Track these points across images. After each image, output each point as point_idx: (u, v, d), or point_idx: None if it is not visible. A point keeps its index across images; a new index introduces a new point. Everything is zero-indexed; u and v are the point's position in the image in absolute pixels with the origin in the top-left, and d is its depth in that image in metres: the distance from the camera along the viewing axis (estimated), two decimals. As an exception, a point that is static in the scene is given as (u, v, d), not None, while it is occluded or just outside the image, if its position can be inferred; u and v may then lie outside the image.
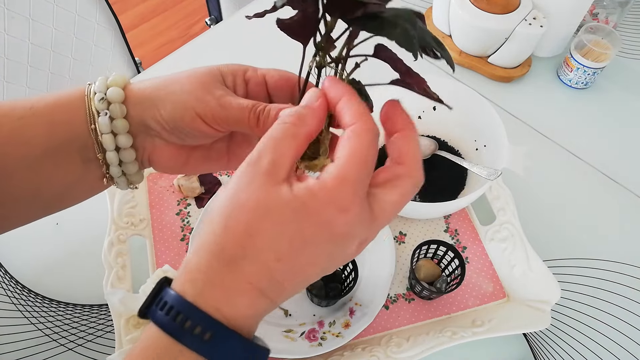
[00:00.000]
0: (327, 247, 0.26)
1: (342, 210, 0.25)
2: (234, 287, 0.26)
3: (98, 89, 0.34)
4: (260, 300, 0.26)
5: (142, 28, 1.98)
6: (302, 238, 0.26)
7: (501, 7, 0.77)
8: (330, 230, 0.26)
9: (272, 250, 0.26)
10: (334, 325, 0.54)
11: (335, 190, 0.25)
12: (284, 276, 0.26)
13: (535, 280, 0.56)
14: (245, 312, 0.26)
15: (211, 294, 0.26)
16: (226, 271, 0.26)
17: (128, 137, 0.34)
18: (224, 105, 0.32)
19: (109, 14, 0.90)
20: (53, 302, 0.58)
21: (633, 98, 0.82)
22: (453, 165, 0.64)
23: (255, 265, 0.26)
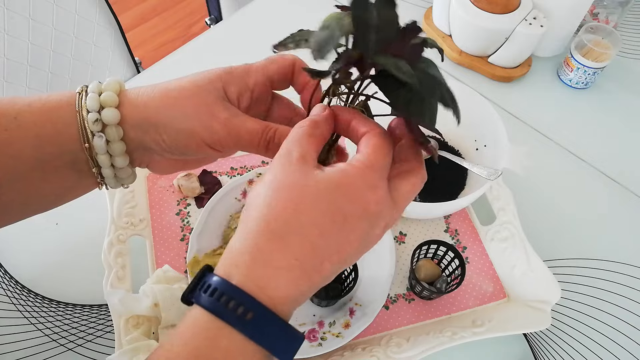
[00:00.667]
0: (363, 224, 0.28)
1: (372, 188, 0.28)
2: (280, 264, 0.26)
3: (91, 106, 0.32)
4: (302, 280, 0.27)
5: (142, 28, 1.98)
6: (342, 213, 0.27)
7: (501, 7, 0.77)
8: (364, 207, 0.28)
9: (315, 225, 0.27)
10: (334, 326, 0.54)
11: (365, 171, 0.28)
12: (325, 253, 0.27)
13: (535, 280, 0.56)
14: (287, 292, 0.26)
15: (256, 274, 0.26)
16: (273, 247, 0.26)
17: (125, 157, 0.33)
18: (234, 132, 0.32)
19: (108, 14, 0.90)
20: (53, 302, 0.58)
21: (633, 98, 0.82)
22: (453, 165, 0.64)
23: (300, 239, 0.27)
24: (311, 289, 0.28)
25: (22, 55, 0.81)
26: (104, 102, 0.32)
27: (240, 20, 0.92)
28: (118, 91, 0.33)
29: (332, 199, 0.27)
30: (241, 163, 0.68)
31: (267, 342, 0.26)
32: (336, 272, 0.29)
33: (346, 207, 0.27)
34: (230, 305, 0.25)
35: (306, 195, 0.27)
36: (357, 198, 0.27)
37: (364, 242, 0.29)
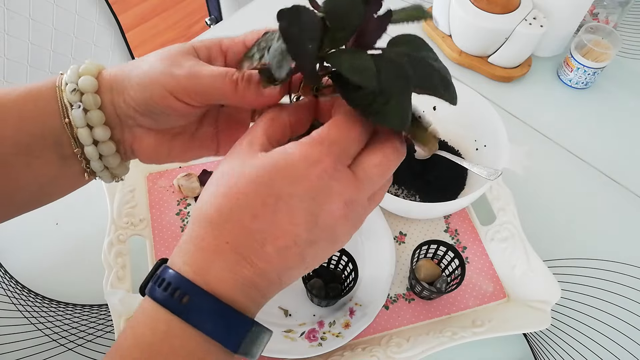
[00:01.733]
0: (304, 203, 0.26)
1: (313, 163, 0.26)
2: (213, 249, 0.26)
3: (69, 79, 0.31)
4: (240, 265, 0.26)
5: (142, 28, 1.98)
6: (276, 194, 0.26)
7: (501, 7, 0.77)
8: (303, 185, 0.26)
9: (247, 208, 0.26)
10: (334, 326, 0.54)
11: (307, 147, 0.27)
12: (264, 236, 0.26)
13: (535, 280, 0.56)
14: (224, 275, 0.26)
15: (194, 259, 0.26)
16: (207, 233, 0.26)
17: (105, 129, 0.32)
18: (194, 74, 0.30)
19: (108, 14, 0.90)
20: (53, 302, 0.58)
21: (633, 98, 0.82)
22: (453, 165, 0.64)
23: (231, 223, 0.26)
24: (262, 276, 0.26)
25: (22, 55, 0.81)
26: (81, 73, 0.31)
27: (240, 20, 0.92)
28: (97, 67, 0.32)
29: (266, 180, 0.26)
30: (241, 163, 0.68)
31: (203, 325, 0.25)
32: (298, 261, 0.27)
33: (281, 186, 0.26)
34: (168, 290, 0.25)
35: (240, 180, 0.27)
36: (296, 176, 0.26)
37: (313, 221, 0.26)
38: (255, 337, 0.27)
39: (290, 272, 0.28)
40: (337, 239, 0.28)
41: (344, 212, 0.27)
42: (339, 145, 0.27)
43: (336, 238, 0.28)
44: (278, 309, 0.56)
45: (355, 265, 0.55)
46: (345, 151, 0.27)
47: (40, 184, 0.33)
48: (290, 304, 0.57)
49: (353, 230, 0.29)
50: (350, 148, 0.27)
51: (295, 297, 0.57)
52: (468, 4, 0.78)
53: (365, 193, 0.28)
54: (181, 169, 0.67)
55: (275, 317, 0.56)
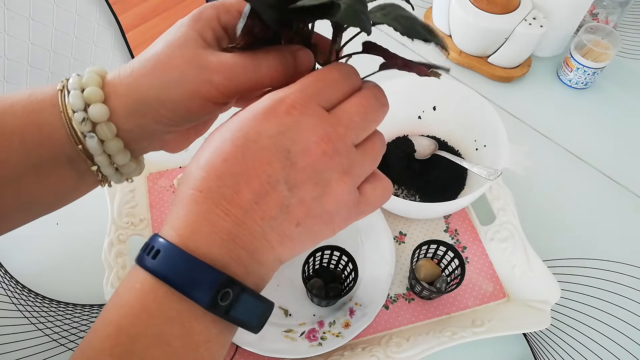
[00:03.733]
0: (274, 139, 0.25)
1: (280, 100, 0.25)
2: (187, 200, 0.25)
3: (75, 105, 0.29)
4: (214, 213, 0.24)
5: (142, 28, 1.98)
6: (244, 134, 0.25)
7: (501, 7, 0.77)
8: (270, 121, 0.25)
9: (216, 152, 0.25)
10: (334, 325, 0.54)
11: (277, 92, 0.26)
12: (237, 180, 0.24)
13: (535, 280, 0.56)
14: (199, 228, 0.24)
15: (172, 216, 0.26)
16: (182, 186, 0.26)
17: (125, 153, 0.31)
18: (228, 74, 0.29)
19: (109, 14, 0.90)
20: (53, 302, 0.58)
21: (633, 98, 0.82)
22: (453, 165, 0.64)
23: (204, 171, 0.25)
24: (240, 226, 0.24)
25: (22, 55, 0.81)
26: (88, 99, 0.29)
27: (240, 21, 0.92)
28: (100, 83, 0.30)
29: (235, 124, 0.25)
30: (241, 163, 0.68)
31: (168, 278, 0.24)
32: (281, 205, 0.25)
33: (249, 125, 0.25)
34: (146, 250, 0.25)
35: (213, 136, 0.26)
36: (263, 114, 0.25)
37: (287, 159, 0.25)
38: (242, 300, 0.24)
39: (275, 225, 0.25)
40: (328, 187, 0.26)
41: (321, 149, 0.25)
42: (311, 86, 0.26)
43: (325, 185, 0.26)
44: (278, 309, 0.56)
45: (355, 265, 0.55)
46: (320, 93, 0.26)
47: (56, 197, 0.32)
48: (290, 303, 0.57)
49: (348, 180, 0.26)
50: (325, 92, 0.26)
51: (295, 297, 0.57)
52: (468, 4, 0.78)
53: (344, 131, 0.26)
54: (181, 169, 0.67)
55: (275, 317, 0.56)
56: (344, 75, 0.27)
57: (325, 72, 0.27)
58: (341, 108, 0.26)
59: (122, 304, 0.24)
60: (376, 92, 0.28)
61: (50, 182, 0.31)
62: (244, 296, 0.25)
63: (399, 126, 0.69)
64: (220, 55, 0.29)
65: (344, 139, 0.26)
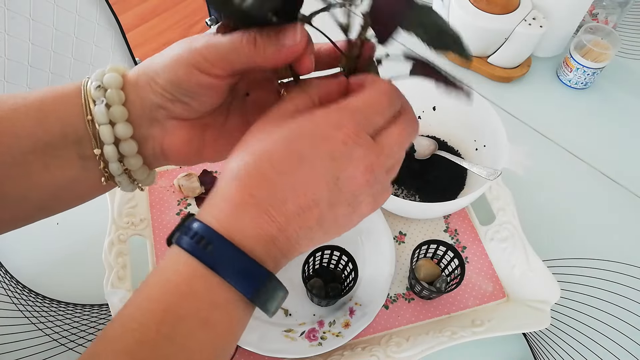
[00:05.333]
0: (326, 163, 0.27)
1: (337, 127, 0.27)
2: (238, 201, 0.27)
3: (95, 78, 0.32)
4: (262, 218, 0.27)
5: (143, 28, 1.98)
6: (299, 152, 0.27)
7: (501, 7, 0.77)
8: (326, 146, 0.27)
9: (272, 164, 0.27)
10: (334, 325, 0.54)
11: (333, 112, 0.28)
12: (286, 192, 0.27)
13: (535, 280, 0.56)
14: (247, 228, 0.27)
15: (219, 211, 0.28)
16: (233, 187, 0.28)
17: (127, 125, 0.32)
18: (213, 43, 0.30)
19: (109, 14, 0.90)
20: (53, 302, 0.58)
21: (633, 98, 0.82)
22: (453, 165, 0.64)
23: (256, 178, 0.27)
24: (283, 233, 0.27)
25: (22, 55, 0.81)
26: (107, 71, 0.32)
27: (241, 21, 0.92)
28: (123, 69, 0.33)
29: (292, 140, 0.28)
30: (241, 163, 0.68)
31: (223, 270, 0.26)
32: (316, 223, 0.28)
33: (306, 146, 0.27)
34: (194, 238, 0.27)
35: (268, 139, 0.28)
36: (320, 137, 0.27)
37: (337, 185, 0.28)
38: (272, 291, 0.28)
39: (309, 234, 0.28)
40: (358, 207, 0.29)
41: (366, 178, 0.28)
42: (362, 114, 0.28)
43: (357, 206, 0.29)
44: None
45: (355, 265, 0.55)
46: (368, 120, 0.28)
47: (57, 187, 0.33)
48: (290, 303, 0.57)
49: (373, 203, 0.30)
50: (374, 119, 0.29)
51: (295, 296, 0.57)
52: (468, 4, 0.78)
53: (385, 162, 0.29)
54: (181, 169, 0.67)
55: (275, 317, 0.56)
56: (391, 102, 0.29)
57: (376, 98, 0.29)
58: (385, 137, 0.29)
59: (167, 285, 0.26)
60: (413, 121, 0.31)
61: (54, 166, 0.32)
62: (277, 288, 0.28)
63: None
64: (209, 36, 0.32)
65: (383, 167, 0.29)
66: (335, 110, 0.28)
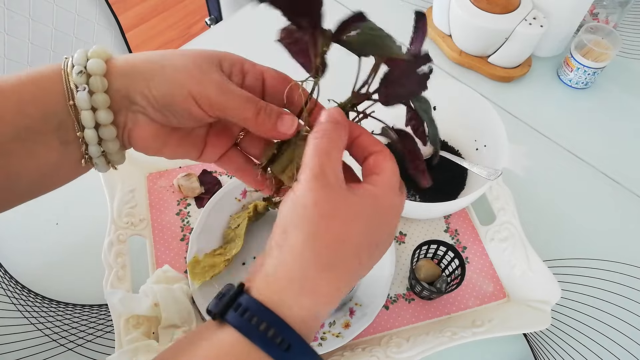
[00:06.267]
0: (388, 243, 0.32)
1: (396, 209, 0.32)
2: (327, 295, 0.28)
3: (77, 62, 0.31)
4: (333, 305, 0.29)
5: (142, 28, 1.98)
6: (376, 241, 0.30)
7: (501, 7, 0.77)
8: (391, 229, 0.32)
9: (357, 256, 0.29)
10: (334, 326, 0.54)
11: (389, 195, 0.31)
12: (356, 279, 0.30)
13: (535, 280, 0.56)
14: (323, 319, 0.28)
15: (302, 304, 0.27)
16: (322, 279, 0.27)
17: (108, 112, 0.32)
18: (225, 91, 0.31)
19: (108, 14, 0.90)
20: (53, 302, 0.58)
21: (633, 98, 0.82)
22: (453, 165, 0.64)
23: (343, 270, 0.29)
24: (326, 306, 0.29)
25: (22, 55, 0.81)
26: (90, 56, 0.31)
27: (240, 20, 0.92)
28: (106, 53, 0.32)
29: (370, 229, 0.30)
30: (241, 163, 0.68)
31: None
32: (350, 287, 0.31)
33: (380, 234, 0.30)
34: (269, 333, 0.26)
35: (350, 226, 0.29)
36: (387, 224, 0.31)
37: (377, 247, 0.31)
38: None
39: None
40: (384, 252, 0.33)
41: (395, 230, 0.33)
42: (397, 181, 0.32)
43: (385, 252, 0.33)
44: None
45: (355, 265, 0.55)
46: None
47: (41, 173, 0.33)
48: (290, 304, 0.57)
49: None
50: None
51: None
52: (468, 4, 0.78)
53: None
54: (181, 169, 0.67)
55: (275, 317, 0.56)
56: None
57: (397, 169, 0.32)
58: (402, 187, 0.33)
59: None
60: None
61: (37, 152, 0.31)
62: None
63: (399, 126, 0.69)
64: (225, 79, 0.32)
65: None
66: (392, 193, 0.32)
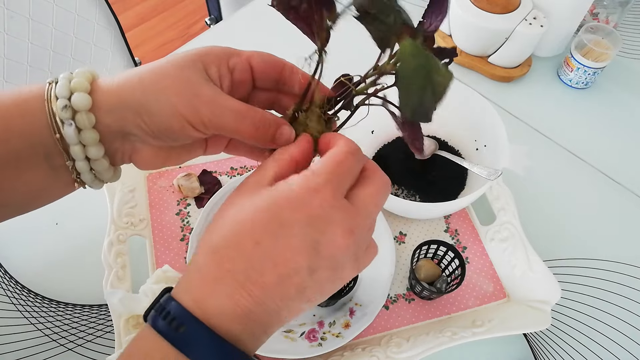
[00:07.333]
0: (306, 230, 0.27)
1: (313, 192, 0.27)
2: (213, 276, 0.26)
3: (60, 93, 0.30)
4: (239, 293, 0.26)
5: (142, 28, 1.98)
6: (278, 220, 0.27)
7: (501, 7, 0.77)
8: (304, 212, 0.27)
9: (249, 234, 0.27)
10: (334, 326, 0.54)
11: (307, 179, 0.28)
12: (263, 263, 0.26)
13: (536, 280, 0.56)
14: (224, 305, 0.26)
15: (195, 287, 0.27)
16: (210, 260, 0.27)
17: (99, 147, 0.31)
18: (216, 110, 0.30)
19: (108, 13, 0.90)
20: (53, 302, 0.58)
21: (633, 98, 0.82)
22: (453, 165, 0.64)
23: (233, 250, 0.27)
24: (260, 306, 0.26)
25: (22, 55, 0.81)
26: (73, 88, 0.30)
27: (240, 20, 0.92)
28: (90, 79, 0.31)
29: (269, 209, 0.27)
30: (241, 163, 0.68)
31: (197, 357, 0.25)
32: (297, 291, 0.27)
33: (284, 213, 0.27)
34: (167, 319, 0.26)
35: (244, 211, 0.27)
36: (297, 204, 0.27)
37: (317, 250, 0.27)
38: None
39: (290, 304, 0.27)
40: (340, 272, 0.28)
41: (345, 242, 0.27)
42: (336, 176, 0.28)
43: (339, 270, 0.28)
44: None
45: (355, 265, 0.55)
46: (342, 182, 0.28)
47: (31, 193, 0.32)
48: (290, 304, 0.57)
49: (356, 264, 0.29)
50: (346, 180, 0.29)
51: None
52: (468, 4, 0.78)
53: (364, 223, 0.29)
54: (181, 168, 0.67)
55: (275, 317, 0.56)
56: (357, 159, 0.29)
57: (345, 158, 0.29)
58: (361, 198, 0.29)
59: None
60: (386, 181, 0.31)
61: (26, 177, 0.31)
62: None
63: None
64: (216, 91, 0.31)
65: (362, 229, 0.28)
66: (310, 176, 0.28)
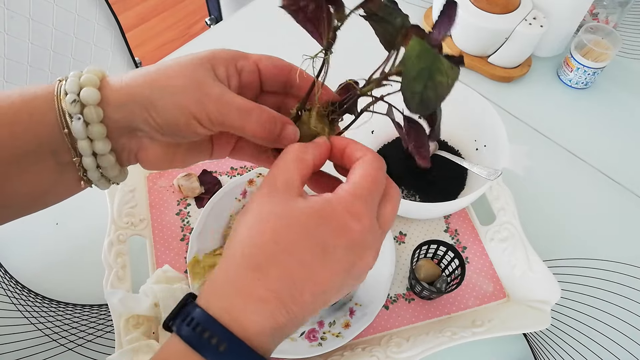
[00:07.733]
0: (346, 254, 0.28)
1: (356, 218, 0.28)
2: (257, 296, 0.26)
3: (70, 89, 0.30)
4: (279, 312, 0.27)
5: (142, 28, 1.98)
6: (322, 244, 0.27)
7: (501, 7, 0.77)
8: (347, 237, 0.28)
9: (294, 256, 0.27)
10: (334, 325, 0.54)
11: (349, 201, 0.28)
12: (305, 284, 0.27)
13: (535, 280, 0.56)
14: (262, 323, 0.26)
15: (233, 305, 0.27)
16: (251, 278, 0.27)
17: (106, 142, 0.31)
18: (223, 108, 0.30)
19: (108, 13, 0.90)
20: (53, 302, 0.58)
21: (633, 98, 0.82)
22: (453, 165, 0.64)
23: (278, 270, 0.27)
24: (292, 320, 0.27)
25: (22, 55, 0.81)
26: (83, 84, 0.30)
27: (240, 20, 0.92)
28: (100, 76, 0.31)
29: (313, 230, 0.27)
30: (241, 163, 0.68)
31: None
32: (323, 303, 0.28)
33: (327, 237, 0.27)
34: (205, 335, 0.25)
35: (287, 227, 0.27)
36: (340, 229, 0.28)
37: (350, 273, 0.29)
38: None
39: (313, 313, 0.29)
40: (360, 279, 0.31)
41: (373, 262, 0.30)
42: (372, 198, 0.29)
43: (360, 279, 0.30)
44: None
45: (355, 265, 0.55)
46: (375, 201, 0.30)
47: (37, 192, 0.32)
48: (290, 304, 0.57)
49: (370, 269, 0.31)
50: (378, 198, 0.30)
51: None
52: (468, 4, 0.78)
53: (384, 236, 0.31)
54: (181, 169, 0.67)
55: (275, 317, 0.56)
56: (384, 173, 0.31)
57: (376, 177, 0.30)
58: (385, 218, 0.31)
59: None
60: (399, 193, 0.32)
61: (33, 173, 0.31)
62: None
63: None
64: (224, 89, 0.31)
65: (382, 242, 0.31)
66: (353, 199, 0.28)
